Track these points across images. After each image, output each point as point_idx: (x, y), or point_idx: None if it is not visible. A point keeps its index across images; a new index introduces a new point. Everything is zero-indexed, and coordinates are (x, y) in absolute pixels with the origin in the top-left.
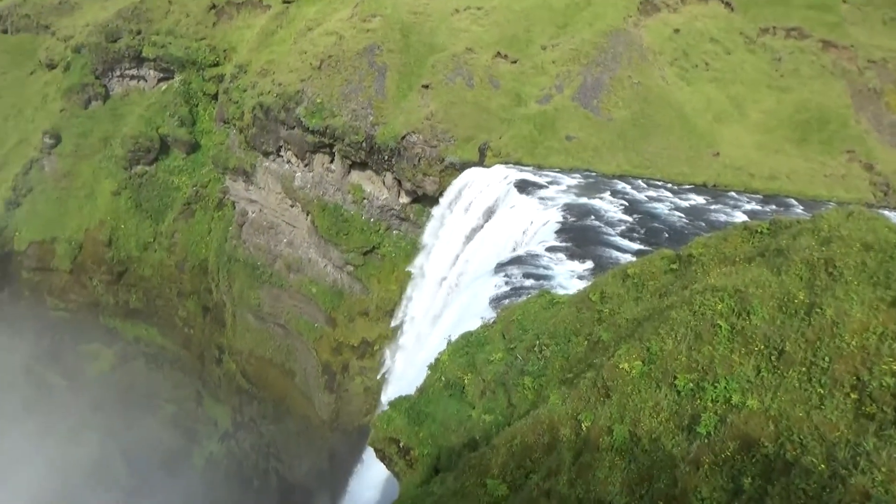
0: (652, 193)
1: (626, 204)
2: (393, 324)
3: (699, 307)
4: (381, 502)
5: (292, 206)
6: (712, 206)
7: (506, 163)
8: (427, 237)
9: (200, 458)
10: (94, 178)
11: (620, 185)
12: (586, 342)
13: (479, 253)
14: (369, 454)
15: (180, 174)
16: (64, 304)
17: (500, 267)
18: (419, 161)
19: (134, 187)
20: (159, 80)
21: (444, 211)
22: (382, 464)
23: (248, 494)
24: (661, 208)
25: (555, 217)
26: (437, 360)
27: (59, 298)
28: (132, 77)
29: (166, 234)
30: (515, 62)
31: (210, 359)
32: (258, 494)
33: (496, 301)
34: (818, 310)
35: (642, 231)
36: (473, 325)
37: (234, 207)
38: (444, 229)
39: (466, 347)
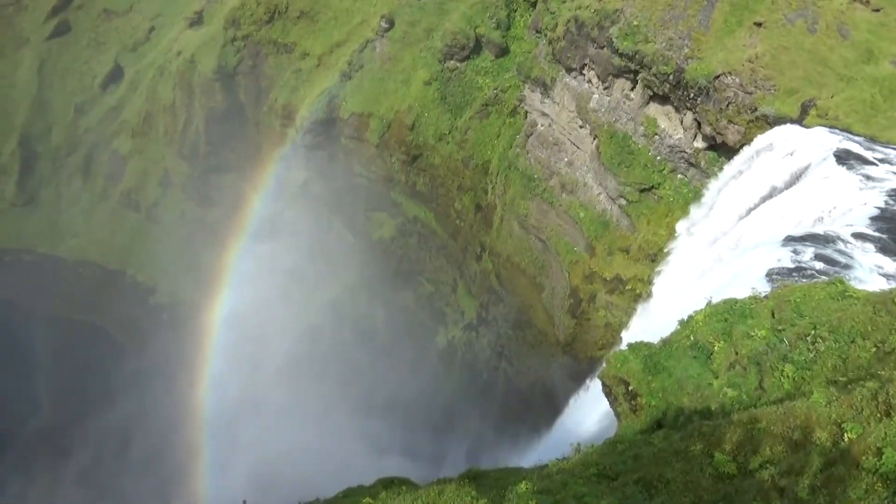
0: None
1: None
2: (654, 269)
3: None
4: (595, 435)
5: (581, 127)
6: None
7: (830, 127)
8: (714, 188)
9: (443, 340)
10: (413, 65)
11: None
12: (875, 349)
13: (769, 218)
14: (595, 386)
15: (485, 75)
16: (367, 173)
17: (791, 240)
18: (727, 106)
19: (443, 80)
20: None
21: (742, 165)
22: (606, 399)
23: (475, 385)
24: None
25: (875, 200)
26: (690, 317)
27: (364, 167)
28: None
29: (460, 130)
30: (878, 10)
31: (471, 253)
32: (484, 388)
33: (774, 275)
34: None
35: None
36: (741, 293)
37: (526, 117)
38: (736, 183)
39: (726, 314)
